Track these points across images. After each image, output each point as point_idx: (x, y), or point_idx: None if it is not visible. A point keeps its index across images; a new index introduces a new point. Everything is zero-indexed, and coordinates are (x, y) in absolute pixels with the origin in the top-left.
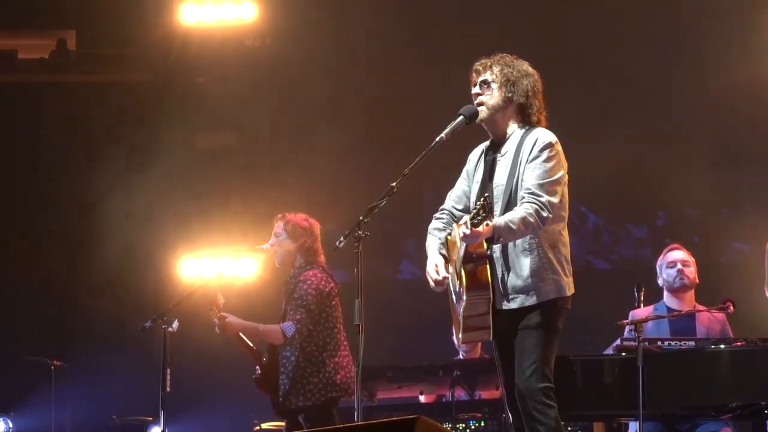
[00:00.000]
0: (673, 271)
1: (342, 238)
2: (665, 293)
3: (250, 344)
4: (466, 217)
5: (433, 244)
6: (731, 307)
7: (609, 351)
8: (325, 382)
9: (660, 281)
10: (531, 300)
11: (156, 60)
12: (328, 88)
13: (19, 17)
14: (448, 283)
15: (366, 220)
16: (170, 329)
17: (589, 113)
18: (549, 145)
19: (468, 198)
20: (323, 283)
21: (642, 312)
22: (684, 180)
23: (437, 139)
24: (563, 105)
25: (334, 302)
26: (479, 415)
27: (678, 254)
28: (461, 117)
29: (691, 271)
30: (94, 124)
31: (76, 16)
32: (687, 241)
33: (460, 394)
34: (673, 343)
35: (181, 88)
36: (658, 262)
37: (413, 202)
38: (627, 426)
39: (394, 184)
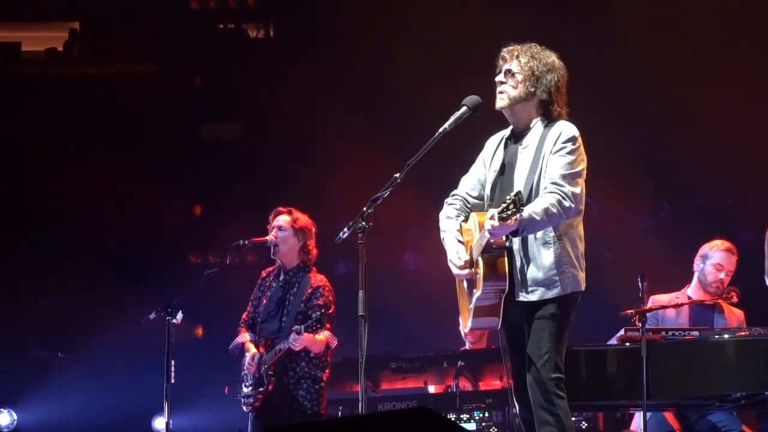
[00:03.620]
0: (715, 275)
1: (345, 229)
2: (695, 283)
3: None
4: (494, 211)
5: (450, 231)
6: (735, 297)
7: (613, 341)
8: (326, 383)
9: (697, 266)
10: (551, 293)
11: (160, 50)
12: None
13: (22, 9)
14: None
15: (369, 211)
16: (174, 321)
17: (594, 103)
18: (572, 139)
19: (483, 186)
20: (332, 288)
21: (664, 298)
22: (688, 169)
23: (440, 130)
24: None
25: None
26: (484, 405)
27: (728, 262)
28: (464, 108)
29: (728, 280)
30: (97, 116)
31: (79, 7)
32: (691, 231)
33: (465, 384)
34: (677, 333)
35: (185, 78)
36: (708, 251)
37: (417, 192)
38: (632, 416)
39: (398, 174)
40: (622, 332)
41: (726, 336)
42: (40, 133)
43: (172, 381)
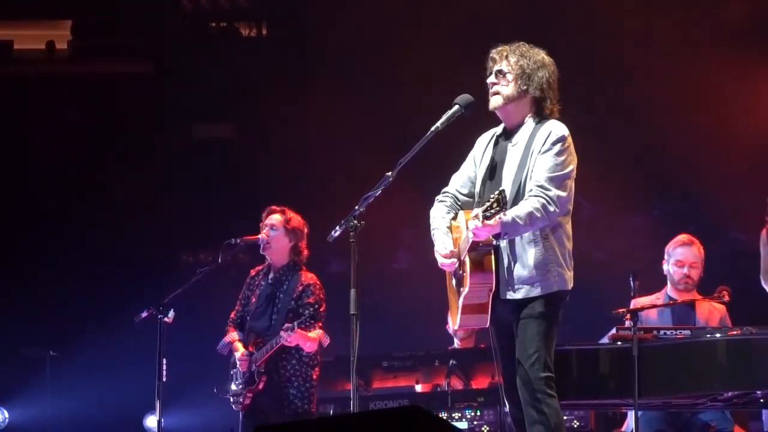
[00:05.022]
0: (679, 272)
1: (337, 228)
2: (669, 284)
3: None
4: (478, 210)
5: (439, 228)
6: (726, 296)
7: (604, 340)
8: (317, 382)
9: (665, 268)
10: (536, 291)
11: (152, 49)
12: (326, 79)
13: (15, 7)
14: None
15: (361, 210)
16: (166, 319)
17: (586, 102)
18: (562, 139)
19: (473, 183)
20: (322, 287)
21: (645, 300)
22: (680, 169)
23: (432, 128)
24: (562, 95)
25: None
26: (475, 404)
27: (688, 255)
28: (456, 106)
29: (698, 272)
30: (89, 115)
31: (72, 6)
32: (683, 230)
33: (457, 383)
34: (668, 332)
35: (177, 77)
36: (668, 249)
37: (410, 190)
38: (626, 415)
39: (390, 173)
40: (613, 331)
41: (718, 335)
42: (33, 132)
43: (164, 379)
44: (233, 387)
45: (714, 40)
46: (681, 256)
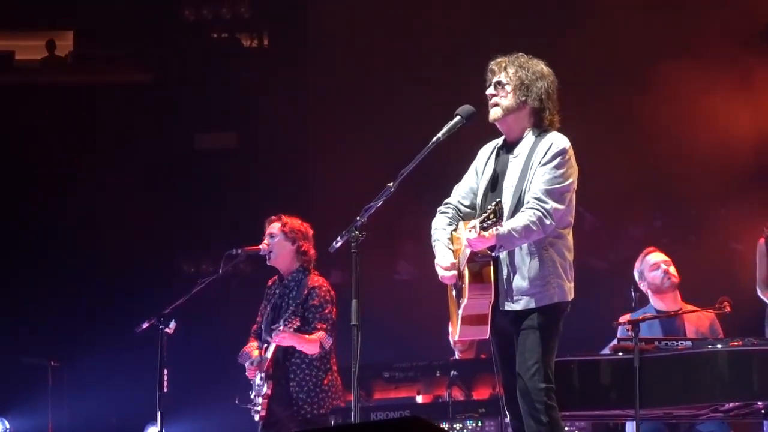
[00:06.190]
0: (659, 273)
1: (339, 239)
2: (651, 296)
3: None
4: (475, 221)
5: (440, 240)
6: (728, 307)
7: (605, 351)
8: (333, 388)
9: (643, 286)
10: (536, 302)
11: (154, 59)
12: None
13: (16, 17)
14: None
15: (362, 221)
16: (167, 329)
17: (588, 112)
18: (562, 152)
19: (475, 194)
20: (331, 289)
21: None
22: (681, 180)
23: (434, 139)
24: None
25: (336, 308)
26: (476, 415)
27: (658, 256)
28: (458, 117)
29: (674, 270)
30: (91, 125)
31: (72, 16)
32: (684, 241)
33: (458, 394)
34: (669, 343)
35: (179, 87)
36: (638, 268)
37: (411, 201)
38: (624, 426)
39: (391, 184)
40: (614, 342)
41: (719, 346)
42: (34, 142)
43: (165, 390)
44: (252, 396)
45: (716, 50)
46: (653, 259)
